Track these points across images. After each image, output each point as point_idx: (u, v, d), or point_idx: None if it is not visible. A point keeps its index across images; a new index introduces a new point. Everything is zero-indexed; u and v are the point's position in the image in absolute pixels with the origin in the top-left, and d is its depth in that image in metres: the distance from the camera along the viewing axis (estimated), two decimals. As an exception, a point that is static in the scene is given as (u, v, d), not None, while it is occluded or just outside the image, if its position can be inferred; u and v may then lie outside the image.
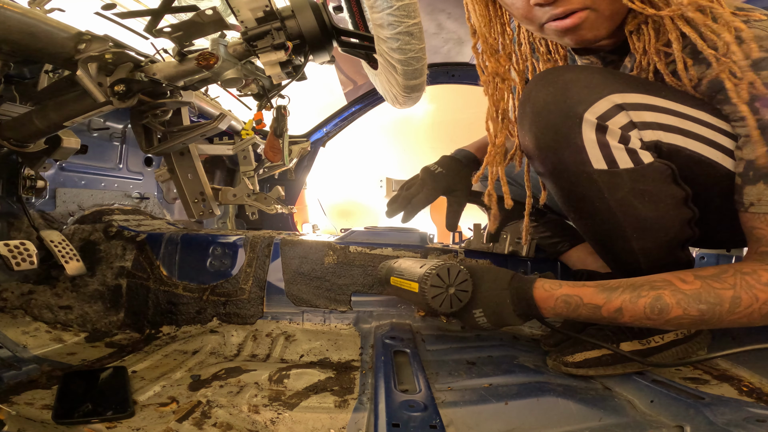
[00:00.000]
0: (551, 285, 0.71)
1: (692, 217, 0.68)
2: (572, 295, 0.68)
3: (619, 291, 0.65)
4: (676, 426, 0.61)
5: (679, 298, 0.61)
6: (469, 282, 0.75)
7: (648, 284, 0.63)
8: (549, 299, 0.70)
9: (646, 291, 0.63)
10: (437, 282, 0.75)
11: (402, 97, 0.88)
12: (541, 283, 0.71)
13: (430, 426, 0.62)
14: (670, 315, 0.61)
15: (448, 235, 2.58)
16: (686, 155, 0.65)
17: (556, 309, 0.69)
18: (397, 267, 0.93)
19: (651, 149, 0.65)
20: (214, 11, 0.73)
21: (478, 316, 0.75)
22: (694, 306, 0.60)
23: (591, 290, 0.67)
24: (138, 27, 0.87)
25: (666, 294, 0.61)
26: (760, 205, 0.61)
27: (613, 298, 0.65)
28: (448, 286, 0.75)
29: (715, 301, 0.59)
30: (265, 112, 0.98)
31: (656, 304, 0.61)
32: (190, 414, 0.65)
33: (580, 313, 0.67)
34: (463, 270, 0.75)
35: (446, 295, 0.75)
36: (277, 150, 1.05)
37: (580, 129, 0.64)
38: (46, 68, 0.94)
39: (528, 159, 0.77)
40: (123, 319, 1.09)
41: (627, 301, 0.63)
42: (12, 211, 1.12)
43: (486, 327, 0.76)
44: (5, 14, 0.68)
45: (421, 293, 0.77)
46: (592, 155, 0.64)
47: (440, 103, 3.51)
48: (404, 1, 0.68)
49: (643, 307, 0.62)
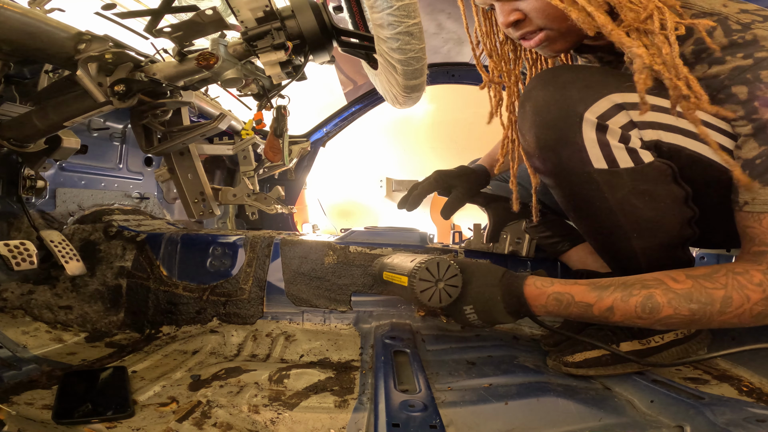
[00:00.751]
0: (543, 282, 0.70)
1: (692, 216, 0.68)
2: (563, 293, 0.67)
3: (611, 289, 0.64)
4: (676, 426, 0.61)
5: (670, 298, 0.61)
6: (459, 277, 0.74)
7: (639, 283, 0.63)
8: (540, 296, 0.69)
9: (637, 290, 0.62)
10: (426, 276, 0.74)
11: (402, 97, 0.88)
12: (532, 280, 0.71)
13: (430, 426, 0.62)
14: (661, 314, 0.61)
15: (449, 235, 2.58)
16: (686, 155, 0.65)
17: (547, 307, 0.69)
18: (389, 262, 0.93)
19: (651, 149, 0.65)
20: (214, 11, 0.73)
21: (468, 313, 0.74)
22: (684, 305, 0.60)
23: (582, 288, 0.67)
24: (138, 27, 0.87)
25: (657, 293, 0.61)
26: (754, 204, 0.61)
27: (604, 297, 0.64)
28: (437, 280, 0.74)
29: (706, 301, 0.59)
30: (265, 112, 0.98)
31: (647, 303, 0.61)
32: (190, 414, 0.65)
33: (571, 312, 0.67)
34: (453, 265, 0.75)
35: (435, 289, 0.74)
36: (277, 150, 1.05)
37: (581, 128, 0.64)
38: (46, 68, 0.94)
39: (528, 158, 0.77)
40: (123, 319, 1.09)
41: (618, 300, 0.63)
42: (12, 211, 1.12)
43: (477, 324, 0.75)
44: (5, 14, 0.68)
45: (410, 287, 0.76)
46: (593, 154, 0.65)
47: (440, 103, 3.50)
48: (404, 1, 0.68)
49: (635, 306, 0.62)
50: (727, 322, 0.60)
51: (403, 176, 3.65)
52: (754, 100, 0.59)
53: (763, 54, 0.59)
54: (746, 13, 0.62)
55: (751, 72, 0.59)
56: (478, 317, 0.74)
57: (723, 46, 0.62)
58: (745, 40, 0.60)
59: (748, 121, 0.60)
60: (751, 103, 0.59)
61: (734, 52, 0.61)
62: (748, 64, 0.59)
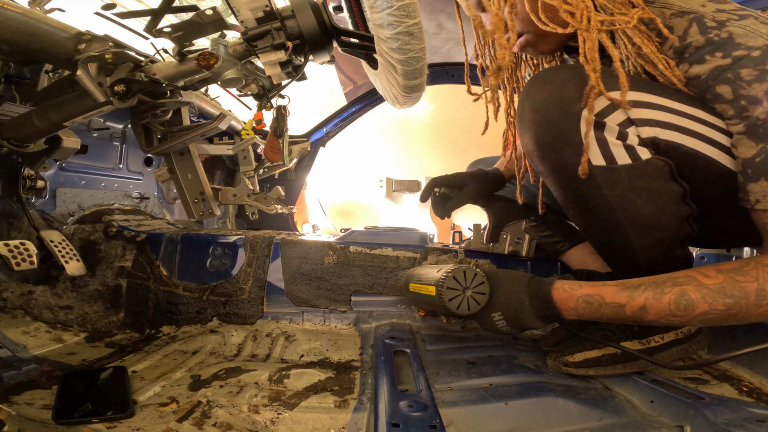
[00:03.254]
0: (571, 285, 0.70)
1: (690, 213, 0.68)
2: (593, 295, 0.67)
3: (642, 288, 0.64)
4: (676, 426, 0.61)
5: (704, 293, 0.60)
6: (486, 285, 0.75)
7: (670, 281, 0.63)
8: (569, 300, 0.69)
9: (669, 287, 0.62)
10: (453, 284, 0.75)
11: (402, 97, 0.88)
12: (560, 284, 0.71)
13: (430, 426, 0.62)
14: (697, 311, 0.60)
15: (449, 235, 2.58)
16: (683, 152, 0.65)
17: (577, 310, 0.69)
18: (415, 273, 0.94)
19: (649, 146, 0.65)
20: (214, 11, 0.73)
21: (497, 320, 0.75)
22: (719, 300, 0.59)
23: (612, 289, 0.66)
24: (138, 27, 0.87)
25: (690, 289, 0.61)
26: (767, 201, 0.61)
27: (636, 296, 0.64)
28: (464, 288, 0.75)
29: (740, 295, 0.59)
30: (265, 112, 0.98)
31: (681, 300, 0.61)
32: (190, 414, 0.65)
33: (603, 313, 0.67)
34: (479, 273, 0.76)
35: (463, 297, 0.75)
36: (277, 150, 1.05)
37: (578, 126, 0.64)
38: (46, 68, 0.94)
39: (528, 157, 0.77)
40: (123, 319, 1.09)
41: (651, 299, 0.62)
42: (12, 211, 1.12)
43: (507, 331, 0.76)
44: (5, 14, 0.68)
45: (438, 296, 0.77)
46: (591, 151, 0.65)
47: (440, 103, 3.50)
48: (404, 1, 0.68)
49: (668, 304, 0.61)
50: (765, 315, 0.59)
51: (403, 176, 3.65)
52: (740, 99, 0.60)
53: (741, 52, 0.59)
54: (723, 12, 0.63)
55: (731, 71, 0.60)
56: (507, 324, 0.75)
57: (700, 44, 0.62)
58: (721, 38, 0.61)
59: (740, 119, 0.61)
60: (738, 101, 0.60)
61: (713, 51, 0.61)
62: (727, 64, 0.60)
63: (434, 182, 1.13)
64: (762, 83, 0.58)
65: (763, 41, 0.59)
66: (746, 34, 0.60)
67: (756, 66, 0.59)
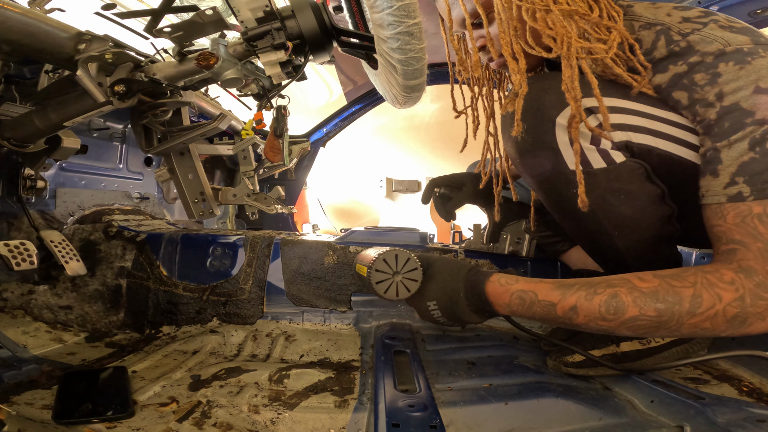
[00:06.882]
0: (507, 280, 0.68)
1: (672, 213, 0.69)
2: (527, 291, 0.65)
3: (575, 288, 0.62)
4: (676, 426, 0.61)
5: (636, 296, 0.57)
6: (418, 271, 0.72)
7: (605, 282, 0.61)
8: (503, 295, 0.67)
9: (602, 288, 0.60)
10: (383, 267, 0.73)
11: (402, 97, 0.88)
12: (497, 277, 0.68)
13: (430, 426, 0.62)
14: (626, 315, 0.57)
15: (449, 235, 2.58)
16: (657, 154, 0.66)
17: (511, 306, 0.66)
18: (360, 254, 0.93)
19: (623, 149, 0.67)
20: (214, 11, 0.73)
21: (432, 309, 0.73)
22: (650, 305, 0.56)
23: (547, 286, 0.64)
24: (138, 27, 0.87)
25: (622, 291, 0.58)
26: (707, 197, 0.62)
27: (568, 296, 0.61)
28: (394, 273, 0.73)
29: (673, 300, 0.56)
30: (265, 112, 0.98)
31: (612, 302, 0.58)
32: (190, 414, 0.65)
33: (535, 311, 0.64)
34: (412, 258, 0.73)
35: (392, 281, 0.72)
36: (277, 150, 1.05)
37: (554, 132, 0.66)
38: (46, 68, 0.94)
39: (513, 164, 0.79)
40: (123, 319, 1.09)
41: (582, 299, 0.60)
42: (12, 211, 1.12)
43: (442, 322, 0.74)
44: (5, 14, 0.68)
45: (368, 278, 0.75)
46: (567, 157, 0.67)
47: (441, 103, 3.50)
48: (404, 1, 0.68)
49: (599, 306, 0.59)
50: (699, 326, 0.56)
51: (404, 176, 3.65)
52: (695, 104, 0.62)
53: (696, 59, 0.61)
54: (688, 21, 0.64)
55: (686, 77, 0.62)
56: (441, 314, 0.73)
57: (663, 56, 0.64)
58: (681, 47, 0.62)
59: (697, 123, 0.63)
60: (694, 107, 0.62)
61: (675, 60, 0.63)
62: (683, 71, 0.62)
63: (434, 183, 1.13)
64: (713, 86, 0.60)
65: (717, 46, 0.60)
66: (702, 41, 0.61)
67: (708, 70, 0.60)
